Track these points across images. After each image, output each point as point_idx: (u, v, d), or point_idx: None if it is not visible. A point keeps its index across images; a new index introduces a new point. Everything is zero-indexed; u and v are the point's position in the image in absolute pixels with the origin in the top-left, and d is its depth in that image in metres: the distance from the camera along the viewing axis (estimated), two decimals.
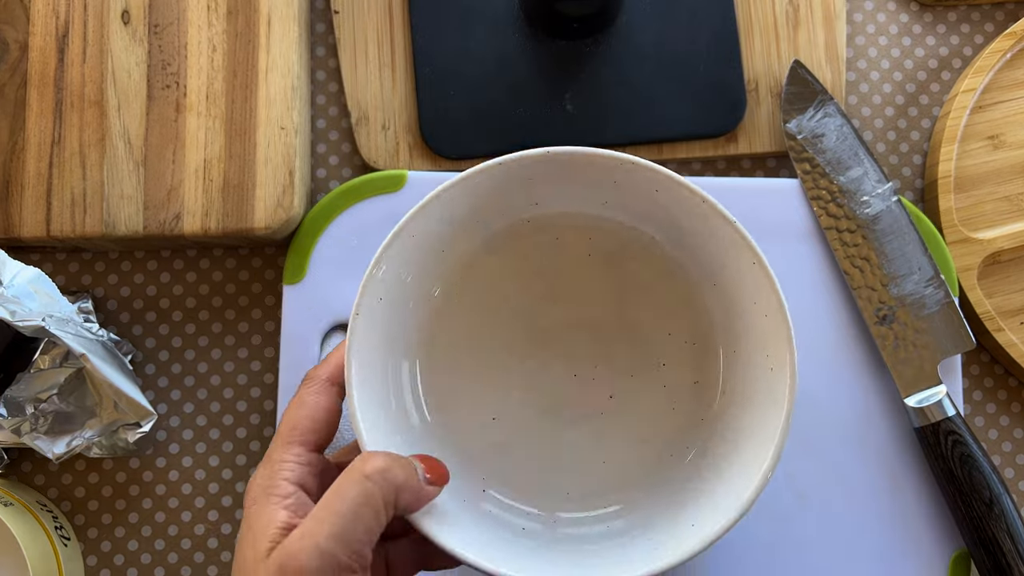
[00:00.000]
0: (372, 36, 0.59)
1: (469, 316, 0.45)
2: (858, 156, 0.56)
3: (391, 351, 0.42)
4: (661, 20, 0.59)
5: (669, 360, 0.46)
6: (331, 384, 0.40)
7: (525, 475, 0.44)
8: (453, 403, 0.45)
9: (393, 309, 0.42)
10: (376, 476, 0.35)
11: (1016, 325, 0.57)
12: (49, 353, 0.52)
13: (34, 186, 0.54)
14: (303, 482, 0.37)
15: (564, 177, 0.42)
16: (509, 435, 0.45)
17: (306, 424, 0.38)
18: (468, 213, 0.42)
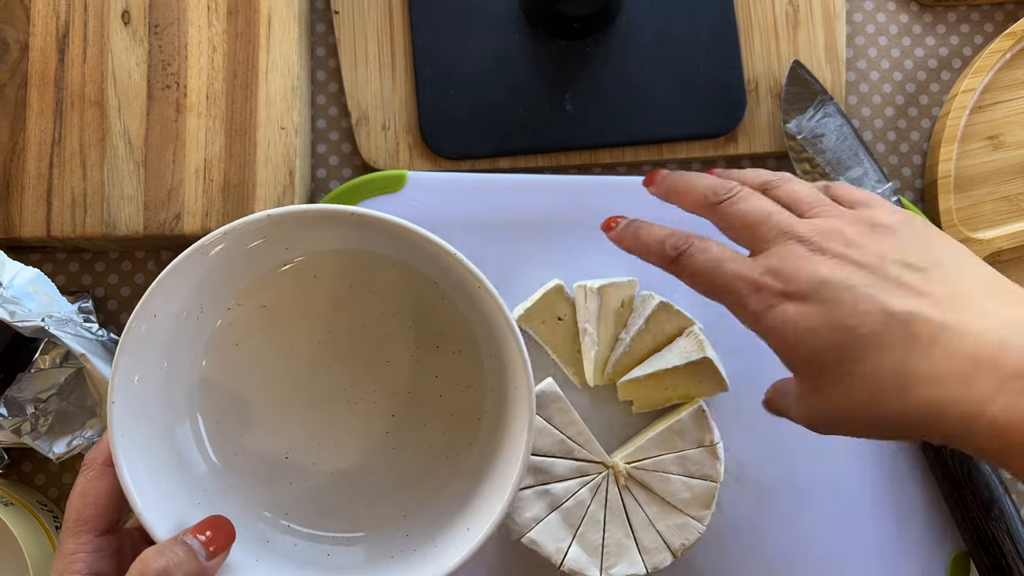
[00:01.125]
0: (372, 36, 0.59)
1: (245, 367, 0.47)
2: (858, 156, 0.56)
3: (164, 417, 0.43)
4: (661, 20, 0.59)
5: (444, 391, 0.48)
6: (107, 467, 0.40)
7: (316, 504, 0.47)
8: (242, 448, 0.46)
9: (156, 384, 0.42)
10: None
11: None
12: (49, 353, 0.52)
13: (34, 186, 0.54)
14: (96, 570, 0.38)
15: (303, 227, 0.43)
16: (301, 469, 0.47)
17: (89, 512, 0.39)
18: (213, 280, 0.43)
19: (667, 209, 0.46)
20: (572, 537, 0.49)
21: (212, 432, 0.46)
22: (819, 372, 0.36)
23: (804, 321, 0.35)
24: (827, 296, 0.35)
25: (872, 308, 0.34)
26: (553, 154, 0.59)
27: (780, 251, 0.37)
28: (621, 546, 0.49)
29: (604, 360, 0.52)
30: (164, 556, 0.36)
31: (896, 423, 0.34)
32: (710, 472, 0.50)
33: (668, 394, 0.51)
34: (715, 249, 0.39)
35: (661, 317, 0.51)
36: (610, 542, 0.49)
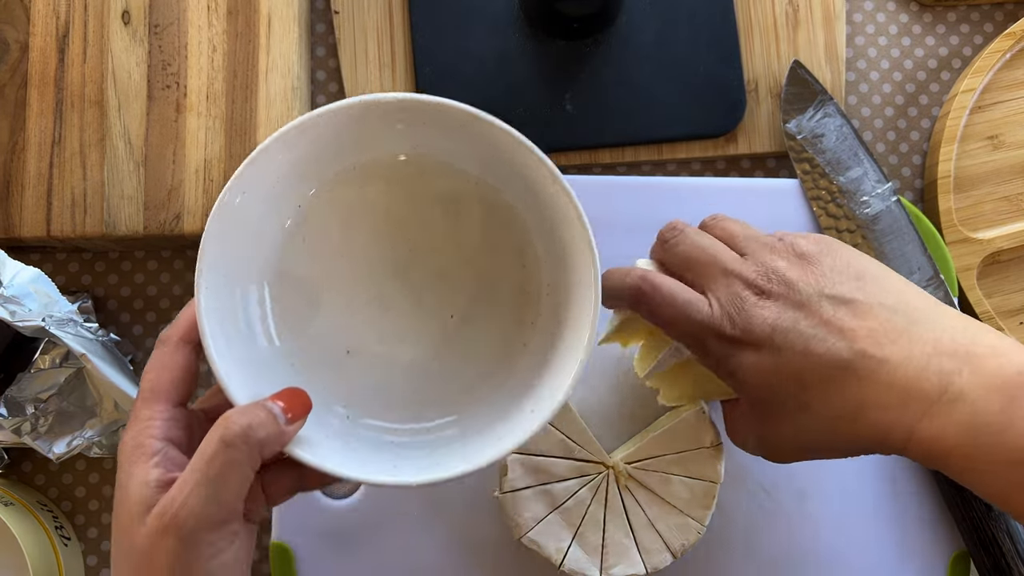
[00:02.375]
0: (372, 36, 0.59)
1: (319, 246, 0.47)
2: (858, 156, 0.56)
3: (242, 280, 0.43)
4: (661, 20, 0.59)
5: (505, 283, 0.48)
6: (184, 343, 0.41)
7: (379, 394, 0.47)
8: (304, 329, 0.46)
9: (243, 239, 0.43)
10: (238, 442, 0.37)
11: (1016, 325, 0.57)
12: (49, 353, 0.52)
13: (34, 186, 0.54)
14: (170, 436, 0.39)
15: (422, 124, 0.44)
16: (358, 357, 0.47)
17: (165, 384, 0.40)
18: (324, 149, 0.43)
19: (674, 208, 0.46)
20: (572, 537, 0.49)
21: (279, 316, 0.45)
22: (777, 410, 0.41)
23: (762, 367, 0.40)
24: (779, 343, 0.40)
25: (820, 352, 0.39)
26: (553, 154, 0.59)
27: (730, 295, 0.41)
28: (621, 546, 0.49)
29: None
30: (247, 415, 0.38)
31: (848, 446, 0.40)
32: (710, 473, 0.50)
33: (693, 388, 0.50)
34: (676, 291, 0.43)
35: None
36: (610, 542, 0.49)
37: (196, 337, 0.40)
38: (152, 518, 0.36)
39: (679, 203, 0.56)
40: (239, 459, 0.37)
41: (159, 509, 0.36)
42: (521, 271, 0.48)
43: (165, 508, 0.36)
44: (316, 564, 0.53)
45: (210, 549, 0.36)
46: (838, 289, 0.40)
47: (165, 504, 0.36)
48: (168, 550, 0.36)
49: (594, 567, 0.49)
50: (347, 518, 0.54)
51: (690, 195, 0.56)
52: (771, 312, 0.40)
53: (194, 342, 0.41)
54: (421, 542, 0.54)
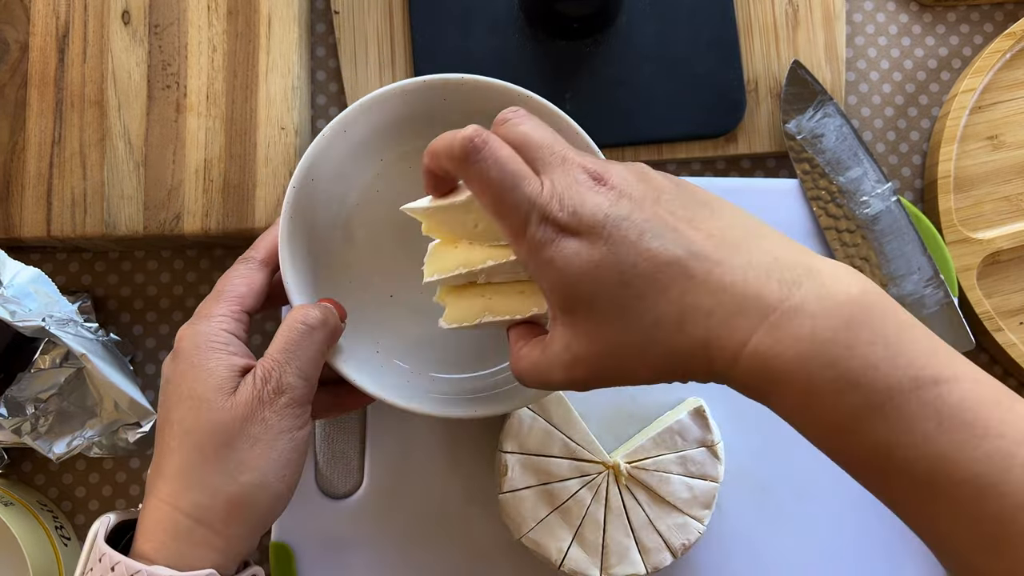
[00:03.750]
0: (372, 36, 0.59)
1: (381, 211, 0.51)
2: (857, 156, 0.56)
3: (312, 225, 0.48)
4: (661, 20, 0.59)
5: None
6: (265, 265, 0.46)
7: (415, 345, 0.51)
8: (356, 279, 0.51)
9: (320, 193, 0.48)
10: (319, 325, 0.43)
11: (1015, 325, 0.57)
12: (49, 353, 0.52)
13: (34, 186, 0.54)
14: (238, 333, 0.44)
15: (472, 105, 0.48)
16: (401, 311, 0.51)
17: (242, 289, 0.45)
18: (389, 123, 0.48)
19: None
20: (572, 537, 0.49)
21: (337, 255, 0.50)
22: (594, 310, 0.36)
23: (586, 257, 0.35)
24: (609, 233, 0.35)
25: (653, 246, 0.35)
26: None
27: (564, 178, 0.37)
28: (621, 546, 0.49)
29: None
30: (317, 308, 0.44)
31: (666, 363, 0.35)
32: (711, 472, 0.50)
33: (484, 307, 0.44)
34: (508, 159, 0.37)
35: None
36: (610, 542, 0.49)
37: (273, 263, 0.46)
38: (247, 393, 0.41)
39: None
40: (320, 341, 0.43)
41: (255, 384, 0.41)
42: None
43: (263, 383, 0.41)
44: (316, 564, 0.53)
45: (297, 421, 0.42)
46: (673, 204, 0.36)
47: (260, 379, 0.41)
48: (266, 416, 0.41)
49: (594, 567, 0.49)
50: (347, 518, 0.54)
51: None
52: (606, 199, 0.36)
53: (271, 266, 0.46)
54: (421, 542, 0.54)
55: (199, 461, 0.40)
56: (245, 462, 0.40)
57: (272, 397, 0.41)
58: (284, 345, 0.42)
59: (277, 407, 0.41)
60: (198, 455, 0.40)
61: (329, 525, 0.53)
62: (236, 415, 0.41)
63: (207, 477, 0.40)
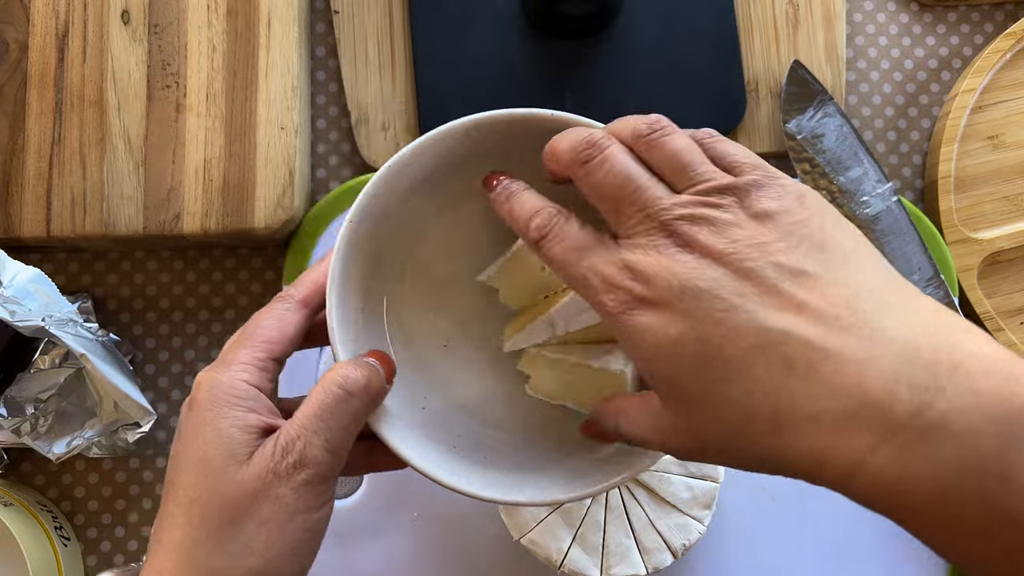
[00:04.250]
0: (372, 36, 0.59)
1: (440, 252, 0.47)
2: (858, 156, 0.56)
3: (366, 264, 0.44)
4: (661, 20, 0.59)
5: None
6: (303, 305, 0.40)
7: (466, 400, 0.46)
8: (408, 326, 0.46)
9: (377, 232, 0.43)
10: (359, 391, 0.37)
11: (1016, 325, 0.57)
12: (49, 353, 0.52)
13: (34, 186, 0.54)
14: (261, 386, 0.37)
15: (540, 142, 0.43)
16: (455, 362, 0.47)
17: (272, 333, 0.38)
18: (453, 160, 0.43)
19: None
20: (572, 538, 0.49)
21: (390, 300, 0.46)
22: (681, 392, 0.31)
23: (664, 332, 0.31)
24: (691, 305, 0.30)
25: (742, 324, 0.29)
26: None
27: (643, 243, 0.32)
28: (621, 546, 0.49)
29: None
30: (361, 368, 0.37)
31: (764, 464, 0.30)
32: (711, 472, 0.50)
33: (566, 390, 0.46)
34: (575, 235, 0.34)
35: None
36: (611, 543, 0.49)
37: (313, 303, 0.40)
38: (262, 463, 0.35)
39: None
40: (357, 408, 0.37)
41: (273, 453, 0.35)
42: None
43: (283, 453, 0.35)
44: (316, 564, 0.53)
45: (316, 500, 0.36)
46: (791, 256, 0.30)
47: (281, 448, 0.35)
48: (281, 494, 0.35)
49: (595, 567, 0.49)
50: (347, 518, 0.54)
51: None
52: (685, 267, 0.30)
53: (311, 307, 0.40)
54: (421, 542, 0.54)
55: (202, 538, 0.35)
56: (251, 545, 0.35)
57: (291, 472, 0.35)
58: (316, 411, 0.36)
59: (295, 483, 0.35)
60: (201, 531, 0.35)
61: (329, 525, 0.53)
62: (247, 489, 0.35)
63: (208, 558, 0.35)
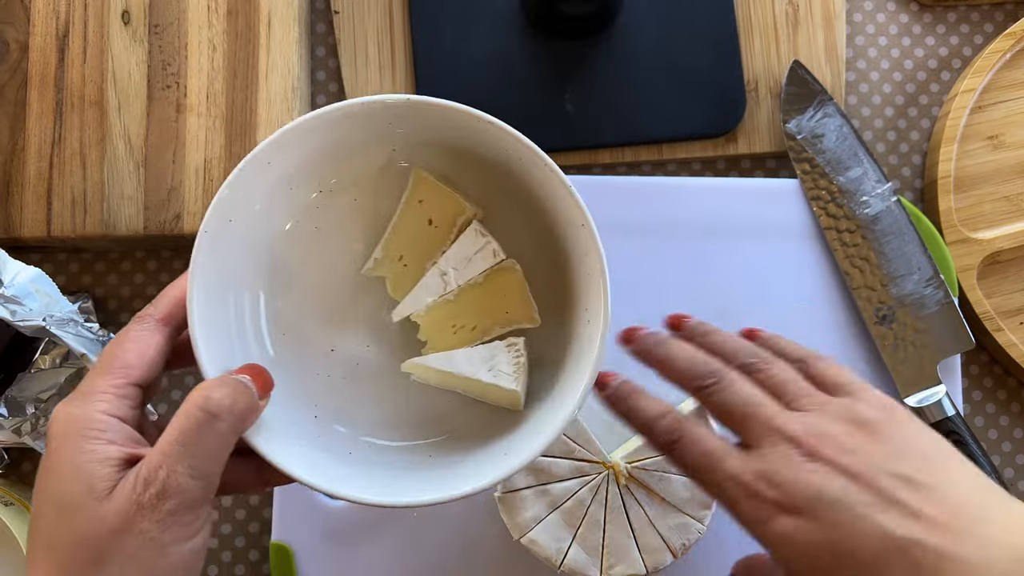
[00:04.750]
0: (372, 36, 0.59)
1: (317, 250, 0.45)
2: (857, 156, 0.56)
3: (235, 279, 0.42)
4: (661, 20, 0.59)
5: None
6: (163, 324, 0.38)
7: (355, 405, 0.45)
8: (292, 331, 0.45)
9: (241, 236, 0.42)
10: (223, 412, 0.35)
11: (1015, 325, 0.57)
12: (50, 353, 0.52)
13: (34, 186, 0.54)
14: (122, 415, 0.36)
15: (421, 127, 0.43)
16: (344, 368, 0.46)
17: (130, 358, 0.37)
18: (329, 148, 0.43)
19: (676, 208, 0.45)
20: (572, 537, 0.49)
21: (269, 306, 0.45)
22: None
23: (804, 538, 0.35)
24: (825, 514, 0.34)
25: (872, 532, 0.33)
26: (553, 154, 0.58)
27: (772, 454, 0.36)
28: (621, 546, 0.49)
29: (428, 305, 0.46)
30: (226, 386, 0.36)
31: None
32: None
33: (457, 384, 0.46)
34: (709, 441, 0.38)
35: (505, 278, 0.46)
36: (610, 542, 0.49)
37: (175, 320, 0.38)
38: (124, 497, 0.33)
39: (679, 203, 0.56)
40: (223, 431, 0.35)
41: (135, 486, 0.33)
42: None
43: (145, 484, 0.33)
44: (316, 564, 0.53)
45: (186, 531, 0.34)
46: (902, 467, 0.35)
47: (143, 480, 0.33)
48: (145, 528, 0.33)
49: (594, 567, 0.49)
50: (347, 518, 0.54)
51: (690, 195, 0.56)
52: (818, 477, 0.35)
53: (172, 325, 0.38)
54: (421, 542, 0.54)
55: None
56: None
57: (154, 503, 0.33)
58: (177, 436, 0.34)
59: (160, 515, 0.33)
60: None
61: (329, 525, 0.53)
62: (108, 526, 0.33)
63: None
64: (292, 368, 0.44)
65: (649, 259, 0.55)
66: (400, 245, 0.46)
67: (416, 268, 0.46)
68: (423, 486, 0.40)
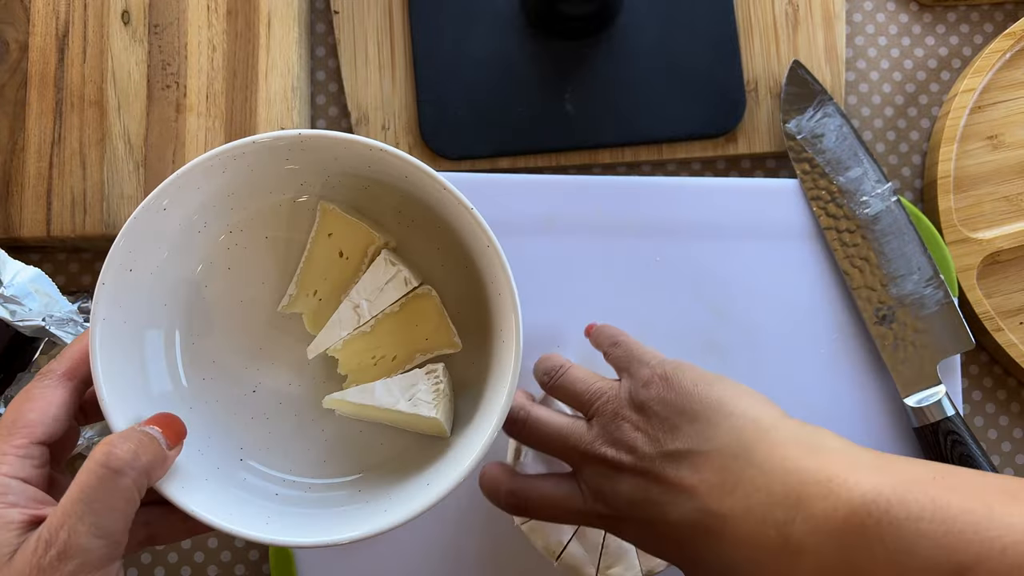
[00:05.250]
0: (372, 36, 0.59)
1: (233, 290, 0.46)
2: (857, 156, 0.56)
3: (145, 326, 0.42)
4: (661, 20, 0.59)
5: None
6: (67, 379, 0.38)
7: (281, 444, 0.45)
8: (213, 374, 0.45)
9: (148, 283, 0.42)
10: (125, 468, 0.34)
11: (1015, 325, 0.57)
12: (49, 353, 0.52)
13: (34, 186, 0.54)
14: (25, 475, 0.35)
15: (321, 160, 0.42)
16: (268, 407, 0.46)
17: (32, 416, 0.36)
18: (230, 188, 0.42)
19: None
20: (573, 532, 0.49)
21: (186, 350, 0.44)
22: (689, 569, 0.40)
23: (644, 536, 0.41)
24: (640, 516, 0.40)
25: (675, 518, 0.39)
26: (553, 154, 0.59)
27: (593, 476, 0.41)
28: (620, 548, 0.49)
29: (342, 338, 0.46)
30: (130, 440, 0.35)
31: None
32: None
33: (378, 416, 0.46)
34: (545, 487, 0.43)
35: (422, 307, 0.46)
36: (610, 543, 0.49)
37: (80, 374, 0.38)
38: (24, 561, 0.32)
39: (679, 203, 0.56)
40: (127, 486, 0.34)
41: (35, 548, 0.32)
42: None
43: (46, 546, 0.32)
44: (316, 564, 0.53)
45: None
46: (674, 443, 0.39)
47: (43, 542, 0.32)
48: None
49: (591, 565, 0.49)
50: None
51: (690, 195, 0.56)
52: (626, 486, 0.40)
53: (77, 379, 0.38)
54: (420, 541, 0.54)
55: None
56: None
57: (55, 565, 0.32)
58: (78, 494, 0.33)
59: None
60: None
61: None
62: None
63: None
64: (214, 410, 0.44)
65: (649, 259, 0.55)
66: (313, 280, 0.46)
67: (331, 302, 0.45)
68: (348, 523, 0.40)
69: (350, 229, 0.45)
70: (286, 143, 0.41)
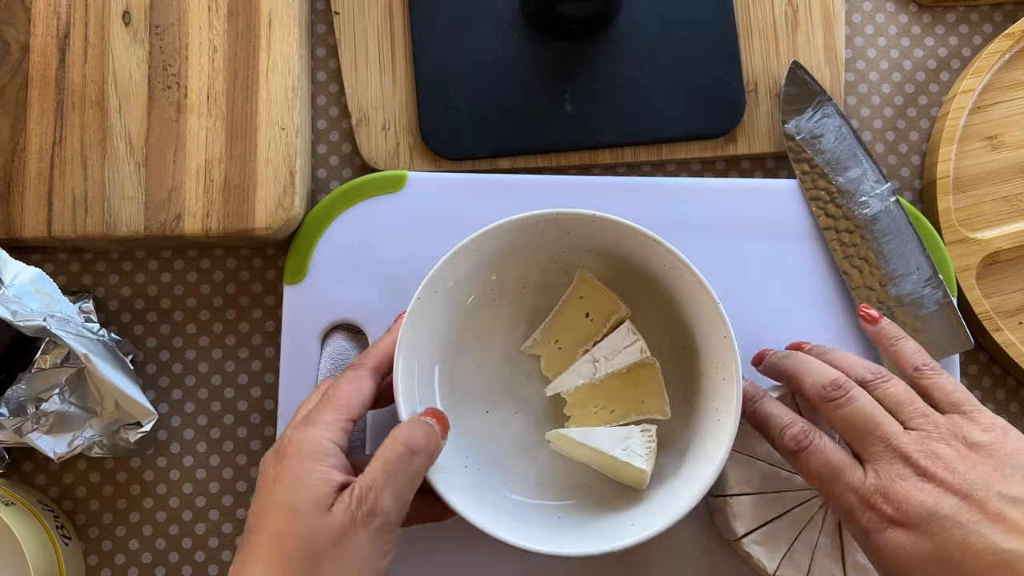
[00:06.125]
0: (372, 37, 0.59)
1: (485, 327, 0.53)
2: (856, 156, 0.57)
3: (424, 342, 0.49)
4: (661, 20, 0.59)
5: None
6: (376, 373, 0.46)
7: (501, 461, 0.52)
8: (458, 393, 0.52)
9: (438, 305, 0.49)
10: (420, 450, 0.42)
11: (1014, 325, 0.57)
12: (50, 353, 0.52)
13: (35, 186, 0.54)
14: (342, 444, 0.43)
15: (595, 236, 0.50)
16: (494, 427, 0.52)
17: (353, 398, 0.44)
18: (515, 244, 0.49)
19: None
20: (787, 548, 0.48)
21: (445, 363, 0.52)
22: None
23: (913, 550, 0.39)
24: (936, 529, 0.39)
25: (980, 547, 0.38)
26: (553, 154, 0.59)
27: (888, 470, 0.41)
28: (827, 571, 0.48)
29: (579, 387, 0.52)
30: (422, 428, 0.44)
31: None
32: None
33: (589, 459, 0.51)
34: (830, 452, 0.43)
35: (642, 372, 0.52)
36: (816, 565, 0.48)
37: (384, 370, 0.46)
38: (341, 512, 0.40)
39: (679, 203, 0.56)
40: (420, 466, 0.42)
41: (349, 504, 0.40)
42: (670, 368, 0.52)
43: (358, 503, 0.40)
44: None
45: (385, 546, 0.41)
46: (1010, 486, 0.39)
47: (356, 499, 0.40)
48: (358, 540, 0.39)
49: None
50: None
51: (689, 195, 0.56)
52: (931, 496, 0.40)
53: (382, 373, 0.46)
54: (420, 536, 0.54)
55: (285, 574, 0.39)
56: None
57: (366, 520, 0.40)
58: (384, 465, 0.41)
59: (369, 531, 0.40)
60: (285, 569, 0.39)
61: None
62: (328, 535, 0.39)
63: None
64: (453, 422, 0.50)
65: None
66: (557, 331, 0.53)
67: (568, 352, 0.53)
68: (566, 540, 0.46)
69: (600, 296, 0.52)
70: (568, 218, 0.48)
